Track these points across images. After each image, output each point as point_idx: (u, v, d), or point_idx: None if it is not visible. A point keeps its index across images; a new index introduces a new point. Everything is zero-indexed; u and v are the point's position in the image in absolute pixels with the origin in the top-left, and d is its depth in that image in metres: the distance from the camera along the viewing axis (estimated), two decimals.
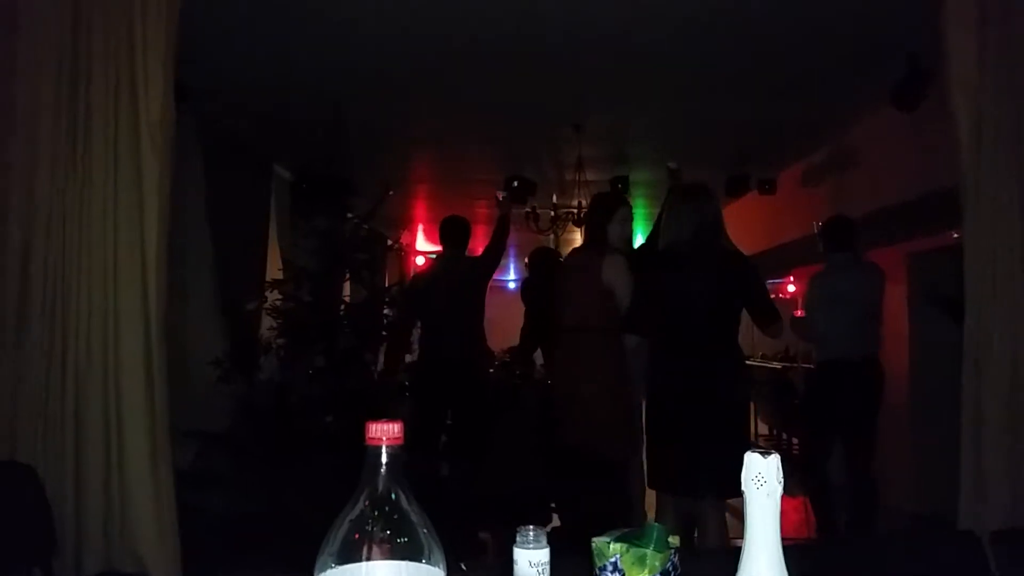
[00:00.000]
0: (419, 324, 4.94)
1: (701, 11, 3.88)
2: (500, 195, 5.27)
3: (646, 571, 0.98)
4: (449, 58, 4.54)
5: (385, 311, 4.71)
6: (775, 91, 5.06)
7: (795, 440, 6.67)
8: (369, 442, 0.82)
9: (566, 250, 5.61)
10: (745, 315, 3.38)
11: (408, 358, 5.06)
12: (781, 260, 7.31)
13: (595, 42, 4.31)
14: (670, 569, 1.00)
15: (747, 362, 3.90)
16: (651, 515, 4.64)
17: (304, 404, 4.20)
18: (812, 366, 4.96)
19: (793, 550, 1.49)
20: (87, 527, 2.22)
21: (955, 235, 4.15)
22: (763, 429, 8.33)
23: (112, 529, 2.23)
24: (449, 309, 4.78)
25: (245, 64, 4.57)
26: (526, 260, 6.23)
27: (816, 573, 1.53)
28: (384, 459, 0.82)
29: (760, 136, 6.18)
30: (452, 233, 5.02)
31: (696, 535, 3.47)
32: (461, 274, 4.92)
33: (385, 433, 0.82)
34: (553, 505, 4.50)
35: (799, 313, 4.72)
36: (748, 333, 3.90)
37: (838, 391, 4.31)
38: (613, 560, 0.99)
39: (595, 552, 1.01)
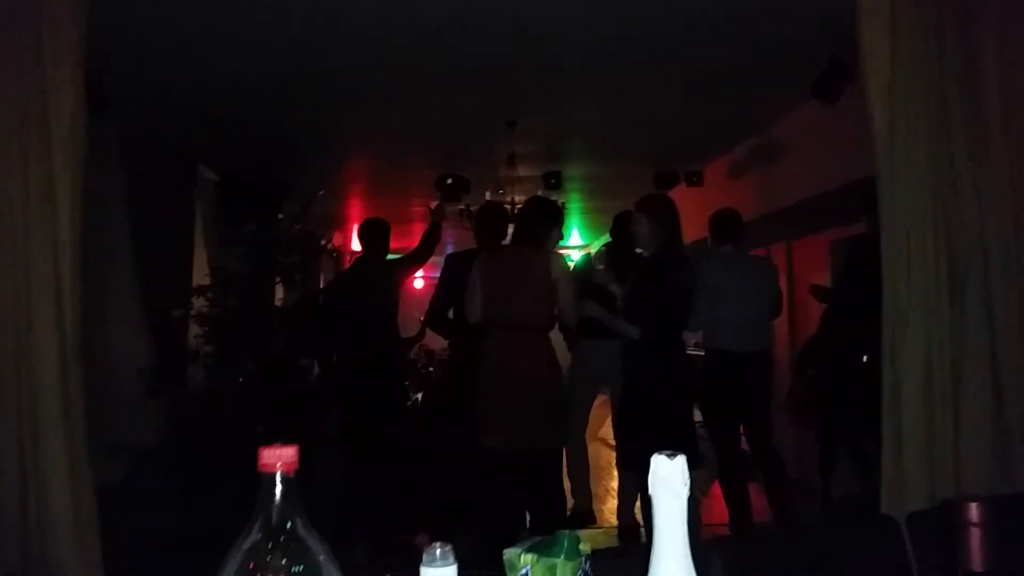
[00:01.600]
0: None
1: (628, 9, 3.91)
2: (433, 204, 5.32)
3: None
4: (381, 55, 4.48)
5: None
6: (701, 86, 5.13)
7: None
8: (262, 469, 0.79)
9: None
10: None
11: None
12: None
13: (527, 40, 4.31)
14: None
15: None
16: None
17: (236, 413, 4.11)
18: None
19: (711, 543, 1.52)
20: (3, 556, 2.13)
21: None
22: (697, 416, 8.46)
23: (30, 558, 2.14)
24: (362, 312, 4.75)
25: (166, 65, 4.44)
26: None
27: (735, 566, 1.55)
28: (279, 487, 0.79)
29: (687, 130, 6.27)
30: (368, 236, 5.01)
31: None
32: (375, 277, 4.90)
33: (279, 459, 0.80)
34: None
35: None
36: None
37: (723, 380, 4.39)
38: (524, 571, 0.99)
39: (506, 564, 1.01)
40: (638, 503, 4.69)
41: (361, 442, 4.62)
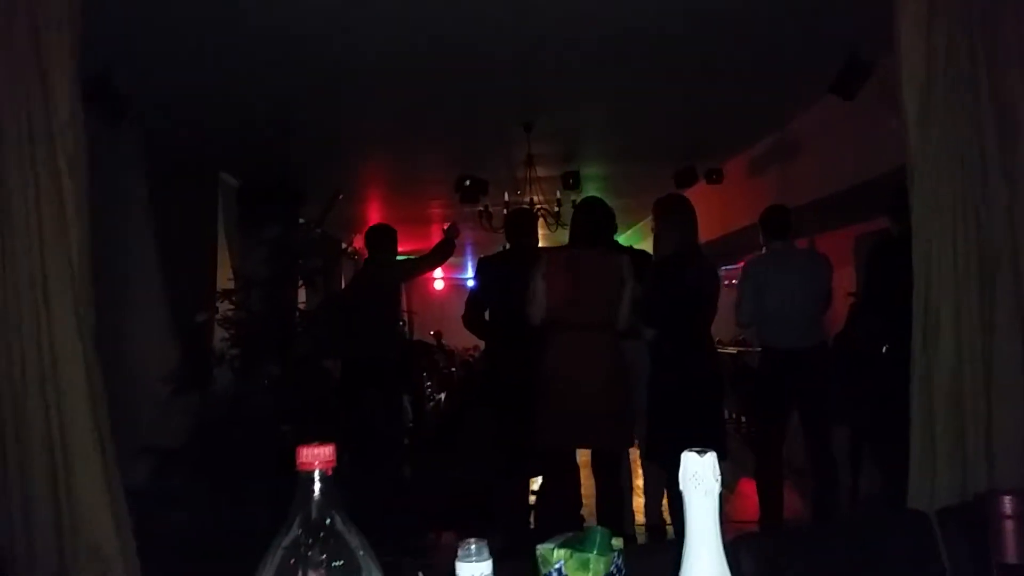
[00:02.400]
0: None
1: (644, 7, 3.90)
2: (445, 225, 5.47)
3: (590, 575, 0.99)
4: (398, 60, 4.51)
5: None
6: (719, 83, 5.11)
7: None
8: (300, 467, 0.81)
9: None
10: None
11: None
12: (732, 247, 7.42)
13: (542, 42, 4.32)
14: (614, 572, 1.01)
15: None
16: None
17: (260, 414, 4.14)
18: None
19: (741, 541, 1.52)
20: (40, 564, 2.16)
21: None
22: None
23: (67, 563, 2.17)
24: (366, 310, 4.92)
25: (186, 72, 4.48)
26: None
27: (766, 561, 1.55)
28: (317, 484, 0.81)
29: (706, 127, 6.25)
30: (374, 242, 5.21)
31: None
32: (380, 276, 5.10)
33: (317, 457, 0.81)
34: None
35: None
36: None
37: (778, 377, 4.34)
38: (557, 566, 1.00)
39: (539, 559, 1.02)
40: (664, 500, 4.68)
41: (373, 438, 4.70)
